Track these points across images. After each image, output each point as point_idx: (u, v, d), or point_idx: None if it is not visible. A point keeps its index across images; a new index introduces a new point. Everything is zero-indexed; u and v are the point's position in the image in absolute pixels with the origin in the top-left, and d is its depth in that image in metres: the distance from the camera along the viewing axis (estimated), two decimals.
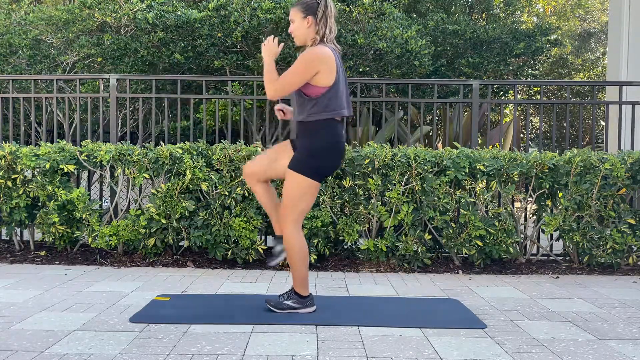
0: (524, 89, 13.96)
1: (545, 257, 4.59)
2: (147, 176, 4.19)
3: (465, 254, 4.17)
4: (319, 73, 2.73)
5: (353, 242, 4.30)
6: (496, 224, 4.08)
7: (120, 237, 4.16)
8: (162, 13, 6.59)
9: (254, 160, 3.01)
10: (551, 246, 4.61)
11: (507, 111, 12.41)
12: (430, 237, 4.18)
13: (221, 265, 4.22)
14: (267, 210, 3.04)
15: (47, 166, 4.14)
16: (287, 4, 6.37)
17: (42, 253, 4.47)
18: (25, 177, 4.30)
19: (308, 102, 2.79)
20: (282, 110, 3.03)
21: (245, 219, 4.09)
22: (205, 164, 4.17)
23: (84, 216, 4.19)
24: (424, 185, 4.07)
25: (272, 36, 2.89)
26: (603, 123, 12.52)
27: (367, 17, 6.87)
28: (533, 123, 16.84)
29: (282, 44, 2.91)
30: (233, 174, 4.16)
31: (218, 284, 3.64)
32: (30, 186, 4.26)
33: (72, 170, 4.22)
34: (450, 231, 4.12)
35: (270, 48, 2.85)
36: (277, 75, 2.79)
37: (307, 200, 2.85)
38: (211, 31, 6.64)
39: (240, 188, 4.09)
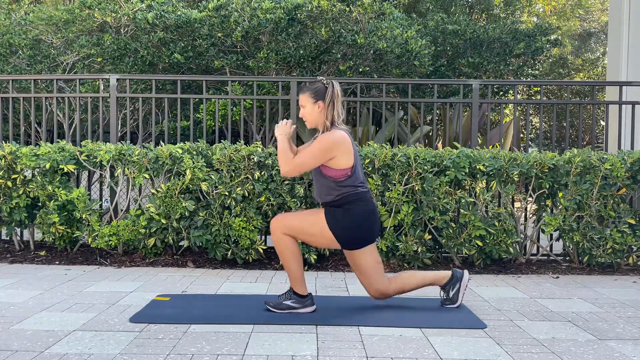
0: (524, 89, 13.96)
1: (545, 257, 4.59)
2: (147, 176, 4.19)
3: (465, 254, 4.17)
4: (336, 157, 2.84)
5: None
6: (496, 224, 4.08)
7: (120, 237, 4.16)
8: (162, 13, 6.59)
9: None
10: (551, 246, 4.61)
11: (507, 111, 12.41)
12: (430, 237, 4.18)
13: (221, 265, 4.22)
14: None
15: (47, 166, 4.14)
16: (287, 4, 6.37)
17: (42, 253, 4.47)
18: (25, 177, 4.30)
19: (335, 185, 2.87)
20: None
21: (245, 219, 4.09)
22: (205, 164, 4.17)
23: (84, 216, 4.19)
24: (424, 185, 4.07)
25: (285, 120, 3.00)
26: (603, 123, 12.53)
27: (367, 17, 6.87)
28: (533, 123, 16.84)
29: (294, 126, 3.02)
30: (233, 174, 4.16)
31: (218, 284, 3.64)
32: (30, 186, 4.26)
33: (72, 170, 4.22)
34: (450, 231, 4.12)
35: (283, 129, 2.96)
36: (292, 156, 2.90)
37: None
38: (211, 31, 6.64)
39: (240, 188, 4.09)
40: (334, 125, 2.91)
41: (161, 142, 4.56)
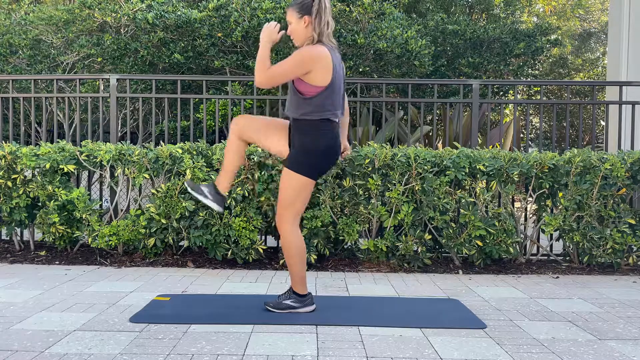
0: (524, 89, 13.96)
1: (545, 257, 4.59)
2: (147, 176, 4.19)
3: (465, 254, 4.17)
4: (312, 72, 2.72)
5: (353, 242, 4.30)
6: (496, 224, 4.08)
7: (120, 237, 4.16)
8: (162, 13, 6.59)
9: (251, 118, 2.91)
10: (551, 246, 4.61)
11: (507, 111, 12.41)
12: (430, 237, 4.18)
13: (221, 265, 4.22)
14: (225, 164, 2.94)
15: (47, 166, 4.14)
16: (287, 4, 6.37)
17: (42, 253, 4.47)
18: (25, 177, 4.30)
19: (302, 101, 2.77)
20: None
21: (245, 219, 4.09)
22: (205, 164, 4.17)
23: (84, 216, 4.19)
24: (424, 185, 4.07)
25: (275, 22, 2.86)
26: (603, 123, 12.53)
27: (367, 17, 6.87)
28: (533, 123, 16.84)
29: (282, 32, 2.88)
30: None
31: (218, 284, 3.64)
32: (30, 186, 4.26)
33: (72, 170, 4.22)
34: (450, 231, 4.12)
35: (270, 33, 2.82)
36: (269, 64, 2.76)
37: (304, 198, 2.86)
38: (211, 31, 6.64)
39: (240, 188, 4.09)
40: (320, 41, 2.78)
41: (161, 142, 4.56)
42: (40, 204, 4.40)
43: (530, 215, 4.52)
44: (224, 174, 2.97)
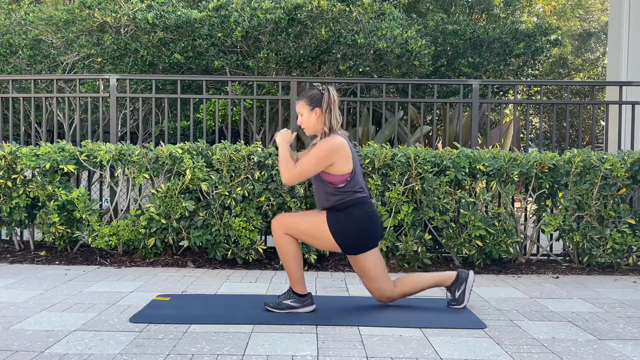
0: (524, 89, 13.96)
1: (545, 257, 4.59)
2: (147, 176, 4.19)
3: (465, 254, 4.17)
4: (335, 163, 2.84)
5: None
6: (496, 224, 4.08)
7: (120, 237, 4.16)
8: (162, 13, 6.59)
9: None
10: (551, 246, 4.61)
11: (507, 111, 12.41)
12: (430, 237, 4.18)
13: (221, 265, 4.22)
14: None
15: (47, 166, 4.14)
16: (287, 4, 6.37)
17: (42, 253, 4.47)
18: (25, 177, 4.30)
19: (335, 190, 2.87)
20: None
21: (245, 219, 4.09)
22: (205, 164, 4.17)
23: (84, 216, 4.19)
24: (424, 185, 4.07)
25: (287, 128, 3.02)
26: (603, 123, 12.52)
27: (367, 17, 6.87)
28: (533, 123, 16.84)
29: (294, 133, 3.04)
30: (233, 174, 4.16)
31: (218, 284, 3.64)
32: (30, 186, 4.26)
33: (72, 170, 4.22)
34: (450, 231, 4.12)
35: (284, 136, 2.97)
36: (293, 163, 2.88)
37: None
38: (211, 31, 6.64)
39: (240, 188, 4.09)
40: (333, 131, 2.91)
41: (161, 142, 4.56)
42: (40, 204, 4.40)
43: (530, 215, 4.52)
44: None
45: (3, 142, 4.56)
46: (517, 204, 5.00)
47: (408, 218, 4.05)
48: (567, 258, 4.51)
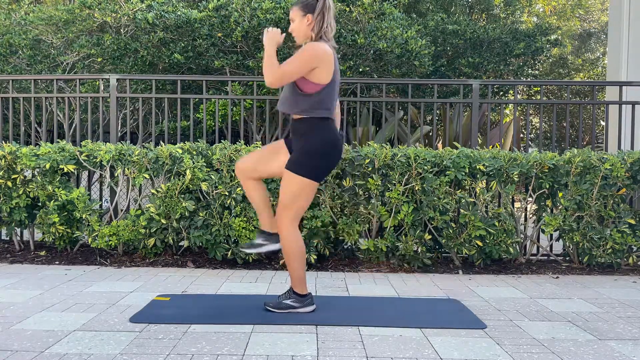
0: (524, 89, 13.96)
1: (545, 257, 4.59)
2: (147, 176, 4.19)
3: (465, 254, 4.17)
4: (317, 69, 2.74)
5: (353, 242, 4.30)
6: (496, 224, 4.08)
7: (120, 237, 4.16)
8: (162, 13, 6.59)
9: (246, 157, 3.01)
10: (551, 246, 4.61)
11: (507, 111, 12.41)
12: (430, 237, 4.18)
13: (221, 265, 4.22)
14: (255, 206, 3.02)
15: (47, 166, 4.14)
16: (287, 4, 6.37)
17: (42, 253, 4.47)
18: (25, 177, 4.30)
19: (301, 98, 2.79)
20: None
21: (245, 219, 4.09)
22: (205, 164, 4.17)
23: (84, 216, 4.19)
24: (424, 185, 4.07)
25: (276, 28, 2.89)
26: (603, 123, 12.52)
27: (367, 17, 6.87)
28: (533, 123, 16.84)
29: (283, 34, 2.91)
30: (233, 174, 4.16)
31: (218, 284, 3.64)
32: (30, 186, 4.27)
33: (72, 170, 4.22)
34: (450, 231, 4.12)
35: (273, 36, 2.83)
36: (277, 63, 2.77)
37: (305, 200, 2.86)
38: (211, 31, 6.64)
39: (240, 188, 4.09)
40: (322, 39, 2.81)
41: (161, 142, 4.56)
42: (40, 204, 4.40)
43: (530, 216, 4.52)
44: (260, 214, 2.99)
45: (3, 142, 4.56)
46: (517, 204, 5.00)
47: (408, 218, 4.05)
48: (567, 258, 4.51)
